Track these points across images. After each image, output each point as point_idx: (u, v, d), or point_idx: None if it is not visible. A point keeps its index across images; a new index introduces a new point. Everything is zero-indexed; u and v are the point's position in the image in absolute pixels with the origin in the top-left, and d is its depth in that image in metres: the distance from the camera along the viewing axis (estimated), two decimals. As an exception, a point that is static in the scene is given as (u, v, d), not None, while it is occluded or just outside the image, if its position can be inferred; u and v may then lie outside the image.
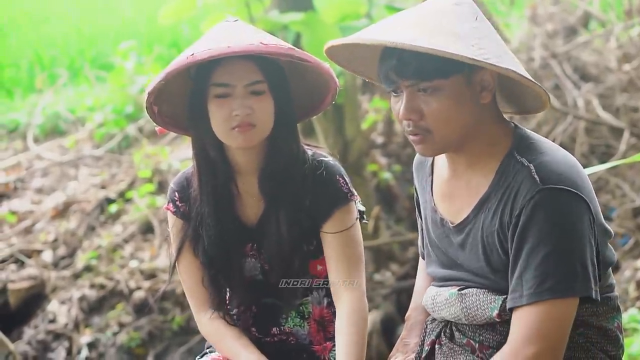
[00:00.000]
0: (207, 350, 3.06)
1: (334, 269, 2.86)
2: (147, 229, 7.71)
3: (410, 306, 2.87)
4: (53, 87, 9.64)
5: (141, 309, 7.11)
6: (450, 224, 2.57)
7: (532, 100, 2.52)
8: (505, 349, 2.41)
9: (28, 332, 7.14)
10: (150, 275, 7.27)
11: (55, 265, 7.56)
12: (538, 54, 7.88)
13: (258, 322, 2.97)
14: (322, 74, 2.79)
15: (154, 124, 2.88)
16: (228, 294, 2.98)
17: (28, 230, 7.85)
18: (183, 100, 2.84)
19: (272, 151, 2.83)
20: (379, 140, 8.18)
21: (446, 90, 2.39)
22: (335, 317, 2.89)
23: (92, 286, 7.28)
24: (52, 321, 7.16)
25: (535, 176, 2.38)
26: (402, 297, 7.11)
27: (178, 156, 8.06)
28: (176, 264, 2.95)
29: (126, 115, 8.82)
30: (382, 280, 7.13)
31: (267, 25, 6.16)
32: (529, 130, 2.51)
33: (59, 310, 7.18)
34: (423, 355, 2.66)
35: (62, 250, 7.66)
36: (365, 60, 2.58)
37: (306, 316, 2.95)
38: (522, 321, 2.38)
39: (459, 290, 2.56)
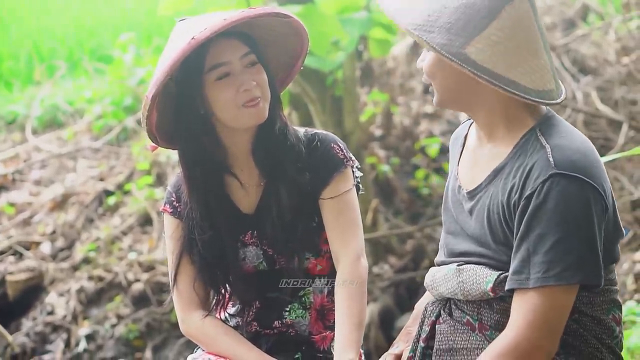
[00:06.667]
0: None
1: (331, 234, 2.89)
2: (145, 221, 7.71)
3: (423, 296, 2.88)
4: (52, 79, 9.63)
5: (139, 300, 7.12)
6: (464, 190, 2.59)
7: None
8: (508, 332, 2.42)
9: (26, 324, 7.14)
10: (149, 267, 7.27)
11: (54, 257, 7.56)
12: (537, 46, 7.87)
13: (261, 317, 2.96)
14: (295, 36, 2.88)
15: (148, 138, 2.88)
16: (228, 293, 2.98)
17: (26, 222, 7.85)
18: (166, 107, 2.83)
19: (264, 122, 2.85)
20: (378, 132, 8.17)
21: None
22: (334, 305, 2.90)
23: (91, 278, 7.28)
24: (51, 313, 7.16)
25: (550, 158, 2.39)
26: (401, 289, 7.11)
27: (176, 148, 8.06)
28: (176, 270, 2.95)
29: (125, 108, 8.82)
30: (381, 273, 7.13)
31: (266, 18, 6.14)
32: (557, 115, 2.54)
33: (57, 302, 7.18)
34: (423, 337, 2.66)
35: (60, 242, 7.66)
36: None
37: (308, 306, 2.95)
38: (527, 305, 2.39)
39: (457, 265, 2.57)
